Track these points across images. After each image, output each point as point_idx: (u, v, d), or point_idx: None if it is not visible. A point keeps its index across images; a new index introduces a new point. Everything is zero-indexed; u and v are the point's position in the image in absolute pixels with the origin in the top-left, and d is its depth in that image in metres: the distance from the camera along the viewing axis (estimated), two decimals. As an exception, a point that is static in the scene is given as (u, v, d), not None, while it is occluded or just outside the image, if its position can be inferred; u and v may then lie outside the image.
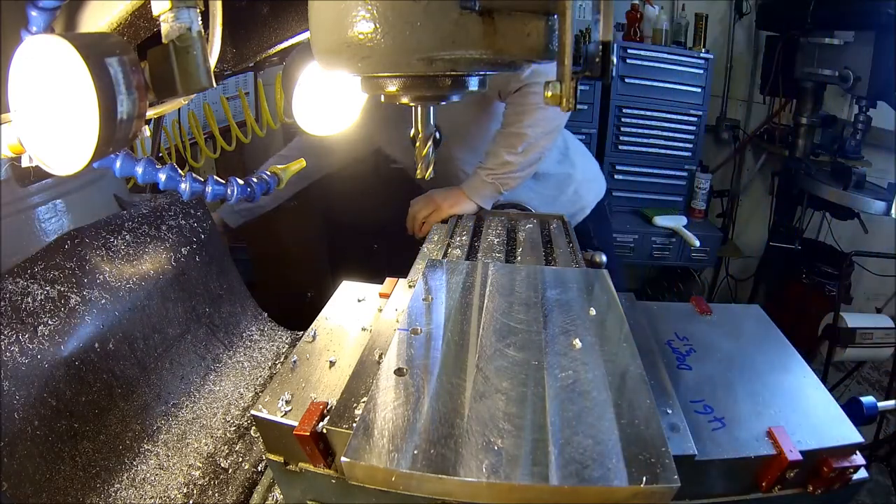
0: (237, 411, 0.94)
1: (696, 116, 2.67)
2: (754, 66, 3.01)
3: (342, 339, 0.76)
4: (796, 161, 2.61)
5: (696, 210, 2.84)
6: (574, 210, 1.57)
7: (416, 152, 0.66)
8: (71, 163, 0.47)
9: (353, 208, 2.19)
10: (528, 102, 1.27)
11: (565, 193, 1.56)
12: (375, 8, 0.49)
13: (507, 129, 1.31)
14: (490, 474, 0.45)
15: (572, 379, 0.56)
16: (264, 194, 0.73)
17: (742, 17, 2.89)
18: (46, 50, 0.43)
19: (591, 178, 1.65)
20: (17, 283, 0.76)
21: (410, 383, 0.56)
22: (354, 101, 0.95)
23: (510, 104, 1.31)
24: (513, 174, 1.31)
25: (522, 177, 1.34)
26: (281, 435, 0.61)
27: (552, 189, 1.56)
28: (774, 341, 0.79)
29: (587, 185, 1.61)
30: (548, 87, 0.48)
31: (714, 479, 0.59)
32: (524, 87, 1.26)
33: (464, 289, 0.76)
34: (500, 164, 1.30)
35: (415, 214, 1.36)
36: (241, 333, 1.13)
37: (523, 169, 1.32)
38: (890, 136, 2.45)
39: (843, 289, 2.30)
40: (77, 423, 0.76)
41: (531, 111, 1.27)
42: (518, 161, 1.30)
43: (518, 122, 1.28)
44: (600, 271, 0.82)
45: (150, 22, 0.61)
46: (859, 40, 2.15)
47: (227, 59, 0.93)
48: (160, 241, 1.01)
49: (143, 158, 0.60)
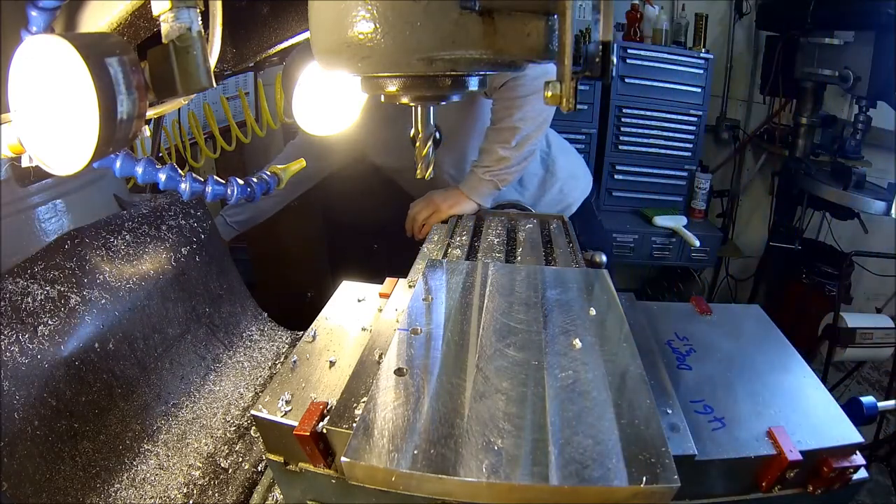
0: (237, 411, 0.94)
1: (696, 116, 2.67)
2: (754, 66, 3.01)
3: (342, 339, 0.76)
4: (796, 161, 2.61)
5: (696, 210, 2.84)
6: (559, 209, 1.56)
7: (416, 152, 0.66)
8: (71, 163, 0.47)
9: (353, 208, 2.18)
10: (515, 96, 1.26)
11: (549, 192, 1.55)
12: (375, 8, 0.49)
13: (497, 124, 1.31)
14: (490, 474, 0.45)
15: (572, 379, 0.56)
16: (264, 194, 0.73)
17: (742, 17, 2.89)
18: (46, 50, 0.43)
19: (576, 176, 1.63)
20: (17, 283, 0.76)
21: (410, 383, 0.56)
22: (354, 101, 0.95)
23: (497, 100, 1.30)
24: (509, 169, 1.31)
25: (518, 171, 1.34)
26: (281, 435, 0.61)
27: (535, 188, 1.55)
28: (774, 341, 0.79)
29: (572, 183, 1.59)
30: (548, 87, 0.48)
31: (714, 479, 0.59)
32: (510, 81, 1.25)
33: (464, 289, 0.76)
34: (496, 161, 1.30)
35: (414, 216, 1.36)
36: (241, 333, 1.13)
37: (518, 163, 1.32)
38: (890, 136, 2.45)
39: (843, 289, 2.30)
40: (77, 423, 0.76)
41: (521, 104, 1.27)
42: (513, 155, 1.30)
43: (508, 116, 1.28)
44: (600, 271, 0.82)
45: (150, 22, 0.61)
46: (859, 40, 2.15)
47: (227, 59, 0.93)
48: (160, 241, 1.01)
49: (143, 158, 0.60)
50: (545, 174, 1.55)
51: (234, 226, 1.60)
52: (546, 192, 1.55)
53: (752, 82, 3.05)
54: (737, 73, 3.02)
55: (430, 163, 0.67)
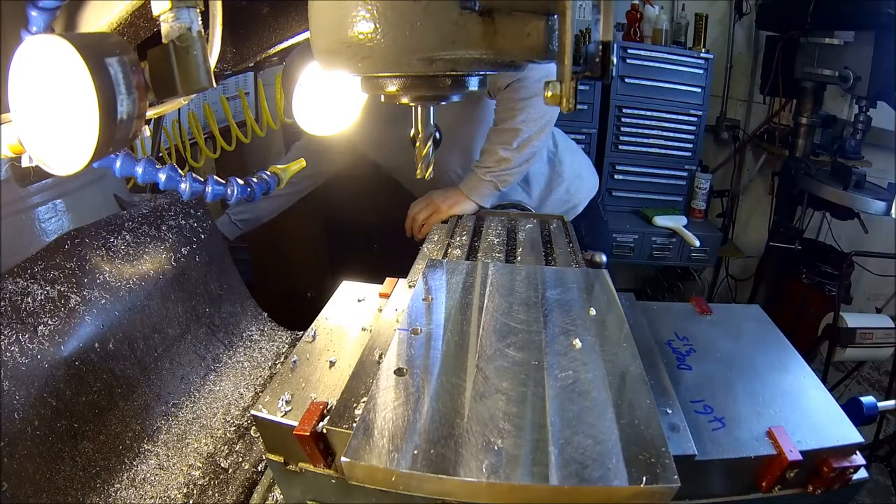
0: (237, 411, 0.94)
1: (696, 116, 2.67)
2: (754, 66, 3.01)
3: (342, 339, 0.76)
4: (796, 161, 2.61)
5: (696, 210, 2.84)
6: (566, 209, 1.56)
7: (416, 152, 0.66)
8: (71, 163, 0.47)
9: (353, 208, 2.18)
10: (518, 98, 1.26)
11: (555, 192, 1.55)
12: (375, 8, 0.49)
13: (500, 125, 1.31)
14: (490, 474, 0.45)
15: (572, 379, 0.56)
16: (264, 194, 0.73)
17: (742, 17, 2.88)
18: (46, 50, 0.43)
19: (582, 176, 1.62)
20: (17, 283, 0.76)
21: (410, 383, 0.56)
22: (354, 101, 0.95)
23: (501, 101, 1.30)
24: (509, 170, 1.31)
25: (519, 172, 1.34)
26: (281, 435, 0.61)
27: (541, 188, 1.54)
28: (774, 341, 0.79)
29: (578, 183, 1.59)
30: (548, 87, 0.48)
31: (714, 479, 0.59)
32: (514, 82, 1.25)
33: (464, 289, 0.76)
34: (497, 161, 1.30)
35: (414, 216, 1.36)
36: (241, 333, 1.13)
37: (519, 164, 1.32)
38: (890, 136, 2.45)
39: (843, 289, 2.29)
40: (77, 423, 0.76)
41: (523, 106, 1.27)
42: (514, 157, 1.30)
43: (511, 117, 1.28)
44: (600, 271, 0.82)
45: (150, 22, 0.61)
46: (859, 40, 2.15)
47: (227, 59, 0.93)
48: (160, 241, 1.01)
49: (143, 158, 0.60)
50: (551, 174, 1.55)
51: (238, 224, 1.60)
52: (552, 192, 1.55)
53: (752, 82, 3.05)
54: (737, 73, 3.02)
55: (429, 163, 0.67)
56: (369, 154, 1.63)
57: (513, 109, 1.28)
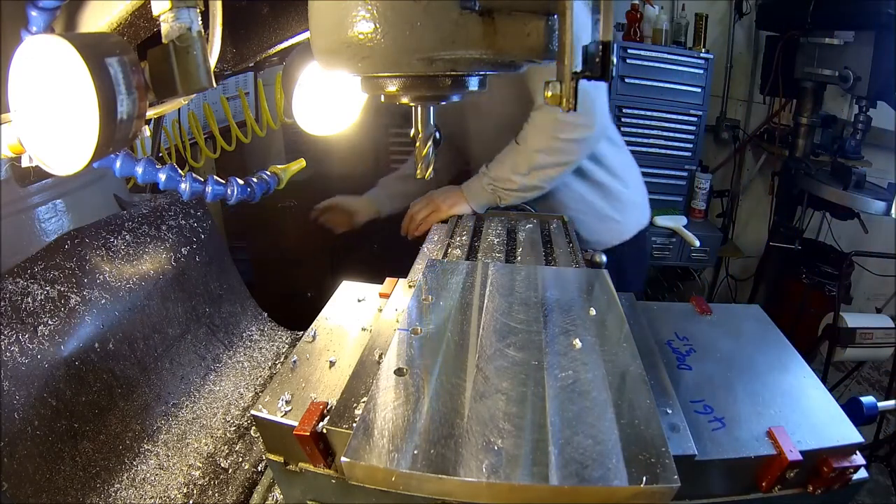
0: (237, 411, 0.94)
1: (696, 116, 2.67)
2: (754, 66, 3.01)
3: (342, 339, 0.76)
4: (796, 161, 2.61)
5: (696, 210, 2.84)
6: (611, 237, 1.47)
7: (416, 152, 0.66)
8: (71, 163, 0.47)
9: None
10: (548, 126, 1.22)
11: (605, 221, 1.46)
12: (375, 8, 0.49)
13: (521, 143, 1.26)
14: (490, 474, 0.45)
15: (572, 379, 0.56)
16: (264, 194, 0.73)
17: (742, 17, 2.89)
18: (46, 50, 0.43)
19: (639, 204, 1.55)
20: (17, 283, 0.76)
21: (410, 383, 0.56)
22: (354, 101, 0.95)
23: (532, 120, 1.25)
24: (513, 191, 1.28)
25: (523, 197, 1.30)
26: (281, 435, 0.61)
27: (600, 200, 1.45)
28: (774, 341, 0.79)
29: (632, 208, 1.51)
30: (548, 87, 0.48)
31: (714, 479, 0.59)
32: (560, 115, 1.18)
33: (464, 289, 0.76)
34: (503, 179, 1.27)
35: (413, 215, 1.36)
36: (241, 333, 1.13)
37: (525, 190, 1.28)
38: (890, 136, 2.45)
39: (843, 289, 2.29)
40: (77, 423, 0.76)
41: (548, 138, 1.22)
42: (520, 182, 1.26)
43: (533, 143, 1.24)
44: (600, 271, 0.82)
45: (150, 22, 0.61)
46: (859, 40, 2.15)
47: (227, 59, 0.93)
48: (160, 241, 1.01)
49: (143, 158, 0.60)
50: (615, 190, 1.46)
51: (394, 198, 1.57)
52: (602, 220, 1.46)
53: (752, 82, 3.06)
54: (737, 73, 3.02)
55: (430, 163, 0.67)
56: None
57: (537, 136, 1.23)
